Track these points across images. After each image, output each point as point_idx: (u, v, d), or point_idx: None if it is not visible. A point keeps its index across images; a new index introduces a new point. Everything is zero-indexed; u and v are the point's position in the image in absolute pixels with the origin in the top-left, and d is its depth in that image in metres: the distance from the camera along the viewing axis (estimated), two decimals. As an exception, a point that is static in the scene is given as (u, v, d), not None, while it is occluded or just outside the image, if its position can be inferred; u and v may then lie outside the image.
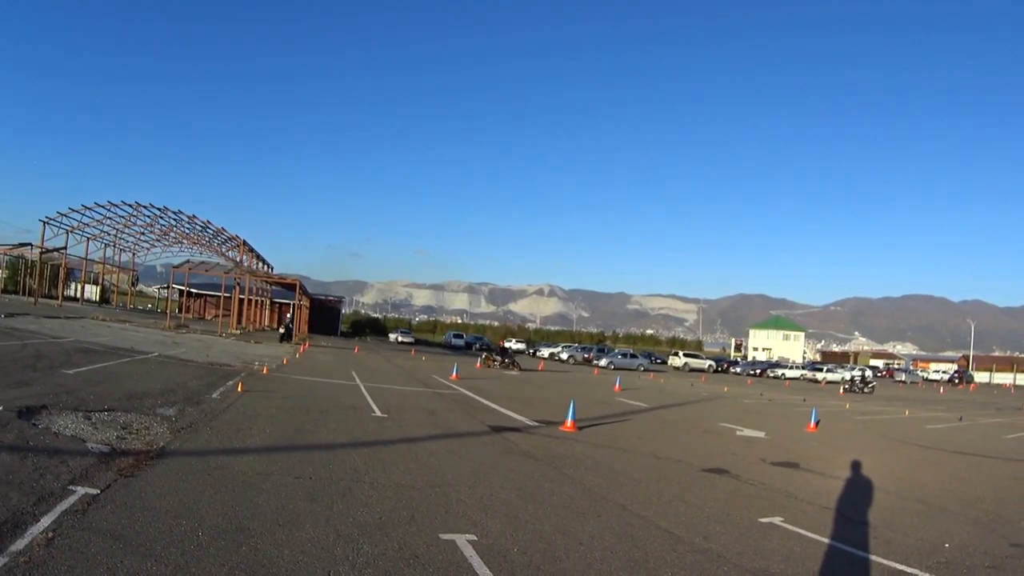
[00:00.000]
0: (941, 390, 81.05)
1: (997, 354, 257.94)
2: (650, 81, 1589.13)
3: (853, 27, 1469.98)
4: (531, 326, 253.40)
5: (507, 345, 55.92)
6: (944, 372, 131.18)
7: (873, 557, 9.52)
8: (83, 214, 67.32)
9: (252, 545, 7.59)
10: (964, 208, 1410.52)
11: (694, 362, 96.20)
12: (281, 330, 61.50)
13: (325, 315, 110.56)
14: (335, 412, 19.37)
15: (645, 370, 77.05)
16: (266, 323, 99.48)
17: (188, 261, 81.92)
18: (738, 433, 23.36)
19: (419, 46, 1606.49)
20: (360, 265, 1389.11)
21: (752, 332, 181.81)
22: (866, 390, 59.93)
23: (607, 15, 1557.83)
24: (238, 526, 8.20)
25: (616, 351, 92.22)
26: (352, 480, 11.24)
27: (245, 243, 73.59)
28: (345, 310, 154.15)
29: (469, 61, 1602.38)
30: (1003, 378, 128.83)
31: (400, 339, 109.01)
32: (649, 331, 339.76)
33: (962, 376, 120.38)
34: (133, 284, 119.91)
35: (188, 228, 71.28)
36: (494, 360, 50.57)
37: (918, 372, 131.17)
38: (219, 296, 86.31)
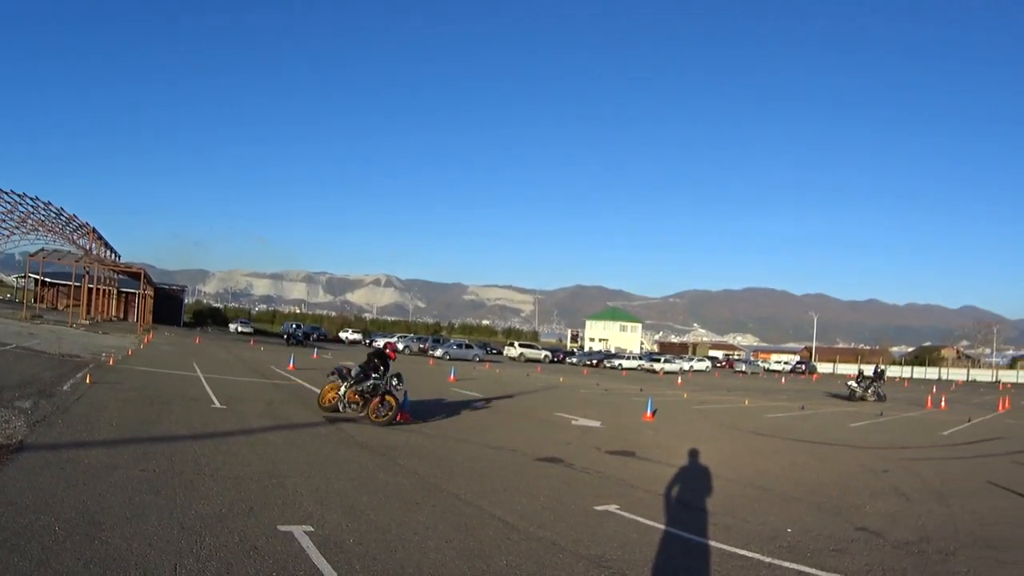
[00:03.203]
0: (783, 380, 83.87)
1: (840, 346, 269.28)
2: (486, 71, 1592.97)
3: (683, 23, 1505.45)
4: (368, 316, 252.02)
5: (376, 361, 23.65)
6: (786, 363, 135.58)
7: (712, 543, 9.92)
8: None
9: (104, 539, 7.86)
10: (806, 203, 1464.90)
11: (530, 352, 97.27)
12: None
13: (168, 305, 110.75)
14: (177, 404, 20.03)
15: (481, 361, 78.11)
16: (113, 313, 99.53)
17: (43, 250, 79.44)
18: (573, 423, 23.82)
19: (269, 45, 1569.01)
20: (203, 254, 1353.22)
21: (589, 323, 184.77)
22: (869, 397, 48.39)
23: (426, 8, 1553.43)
24: (90, 520, 8.50)
25: (452, 342, 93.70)
26: (194, 472, 11.65)
27: (95, 231, 72.51)
28: (188, 299, 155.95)
29: (293, 49, 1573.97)
30: (846, 369, 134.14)
31: (240, 329, 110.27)
32: (485, 322, 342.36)
33: (805, 366, 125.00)
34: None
35: (44, 215, 68.88)
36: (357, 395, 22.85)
37: (759, 363, 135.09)
38: (70, 285, 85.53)
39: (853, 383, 49.27)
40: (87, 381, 22.74)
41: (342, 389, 20.25)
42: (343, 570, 7.61)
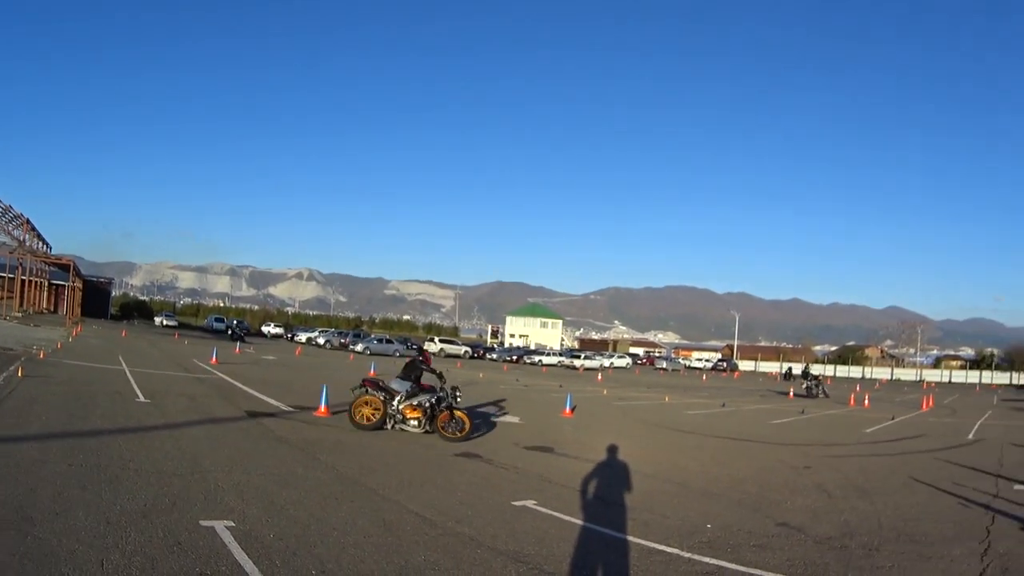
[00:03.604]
0: (704, 378, 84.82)
1: (763, 344, 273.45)
2: (407, 65, 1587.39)
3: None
4: (290, 310, 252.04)
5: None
6: (707, 360, 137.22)
7: (631, 538, 9.95)
8: None
9: (35, 535, 7.93)
10: (730, 203, 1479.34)
11: (450, 348, 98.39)
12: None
13: (96, 297, 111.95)
14: (103, 398, 20.23)
15: (401, 356, 77.57)
16: (44, 305, 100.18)
17: (-23, 241, 78.31)
18: (493, 418, 23.87)
19: (197, 40, 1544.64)
20: (131, 246, 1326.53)
21: (509, 319, 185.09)
22: (816, 392, 52.65)
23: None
24: (23, 515, 8.59)
25: (372, 336, 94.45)
26: (119, 467, 11.68)
27: (28, 222, 72.17)
28: (115, 292, 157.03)
29: (218, 40, 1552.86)
30: (768, 367, 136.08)
31: (165, 322, 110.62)
32: (406, 317, 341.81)
33: (727, 364, 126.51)
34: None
35: (-20, 206, 67.67)
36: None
37: (680, 360, 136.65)
38: (4, 277, 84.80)
39: (809, 382, 52.76)
40: (19, 374, 23.31)
41: (396, 403, 18.89)
42: (264, 565, 7.59)
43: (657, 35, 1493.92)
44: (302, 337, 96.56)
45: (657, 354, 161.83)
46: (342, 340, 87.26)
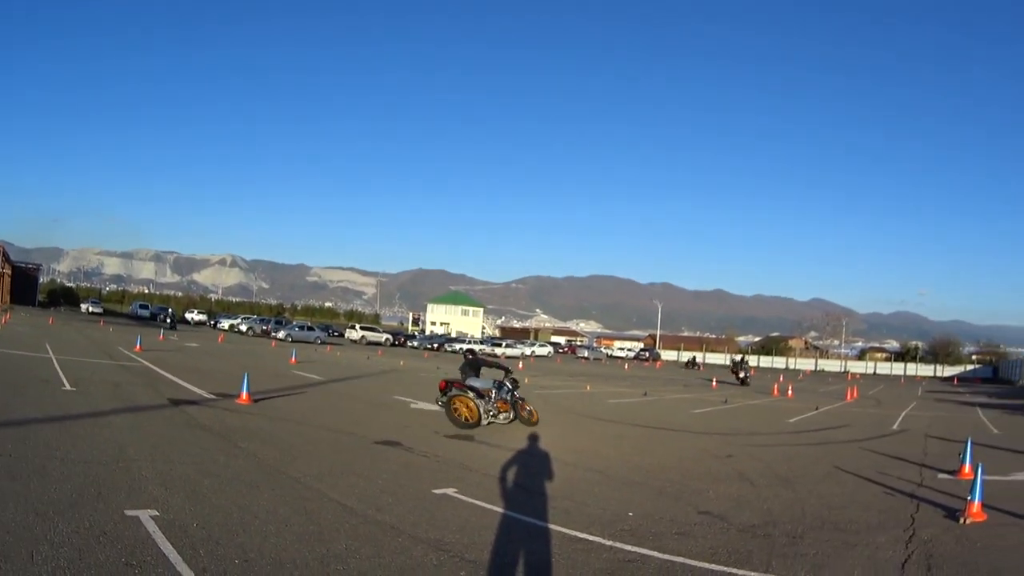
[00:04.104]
0: (626, 367, 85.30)
1: (685, 334, 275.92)
2: (320, 52, 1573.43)
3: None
4: (213, 297, 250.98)
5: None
6: (629, 350, 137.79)
7: (552, 526, 10.04)
8: None
9: None
10: (654, 194, 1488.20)
11: (371, 335, 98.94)
12: None
13: (25, 284, 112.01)
14: (30, 386, 20.33)
15: (322, 343, 79.28)
16: None
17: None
18: (412, 406, 24.03)
19: (118, 22, 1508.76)
20: (58, 232, 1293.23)
21: (431, 307, 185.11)
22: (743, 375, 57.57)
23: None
24: None
25: (294, 323, 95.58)
26: (45, 457, 11.64)
27: None
28: (42, 278, 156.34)
29: (144, 21, 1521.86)
30: (691, 357, 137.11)
31: (91, 309, 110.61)
32: (328, 304, 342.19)
33: (649, 353, 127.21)
34: None
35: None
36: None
37: (602, 349, 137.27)
38: None
39: (741, 372, 56.37)
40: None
41: (491, 400, 20.37)
42: (187, 555, 7.59)
43: (569, 25, 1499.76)
44: (225, 324, 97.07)
45: (579, 343, 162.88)
46: (264, 327, 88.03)
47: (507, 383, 20.88)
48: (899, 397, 53.42)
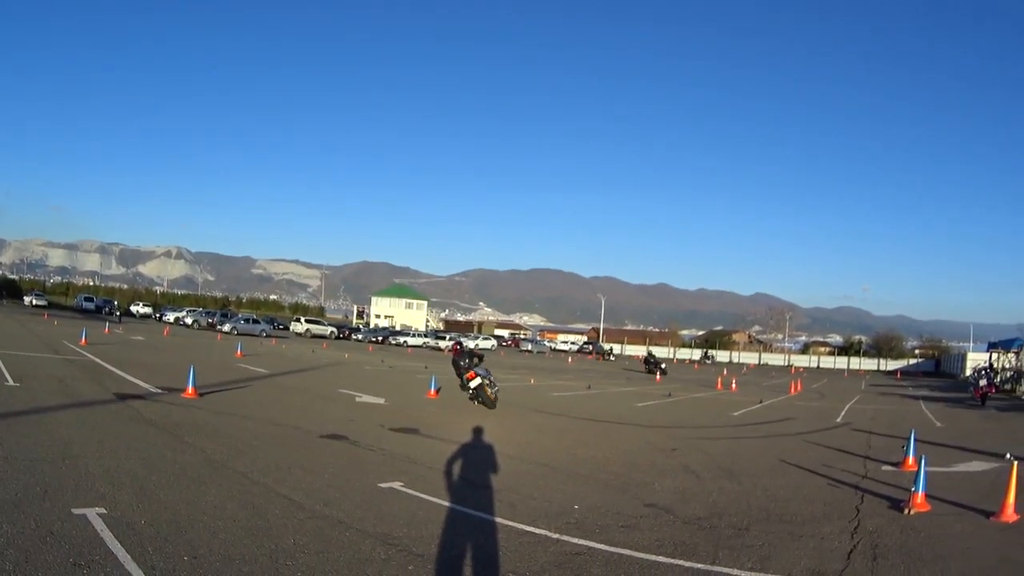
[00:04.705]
0: (570, 360, 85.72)
1: (629, 328, 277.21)
2: (271, 48, 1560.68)
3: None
4: (159, 290, 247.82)
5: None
6: (573, 343, 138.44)
7: (499, 519, 10.10)
8: None
9: None
10: (596, 187, 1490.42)
11: (316, 328, 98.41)
12: None
13: None
14: None
15: (268, 336, 79.66)
16: None
17: None
18: (357, 399, 24.10)
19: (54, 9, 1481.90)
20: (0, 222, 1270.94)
21: (375, 299, 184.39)
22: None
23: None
24: None
25: (240, 316, 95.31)
26: None
27: None
28: None
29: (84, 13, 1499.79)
30: (635, 350, 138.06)
31: (35, 302, 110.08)
32: (273, 296, 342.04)
33: (594, 347, 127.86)
34: None
35: None
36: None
37: (545, 343, 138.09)
38: None
39: (653, 366, 59.13)
40: None
41: (493, 382, 24.25)
42: (136, 552, 7.49)
43: (510, 16, 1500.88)
44: (170, 317, 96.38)
45: (523, 336, 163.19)
46: (210, 320, 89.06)
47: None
48: (843, 391, 54.21)
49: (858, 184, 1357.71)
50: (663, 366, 59.45)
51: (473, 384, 23.26)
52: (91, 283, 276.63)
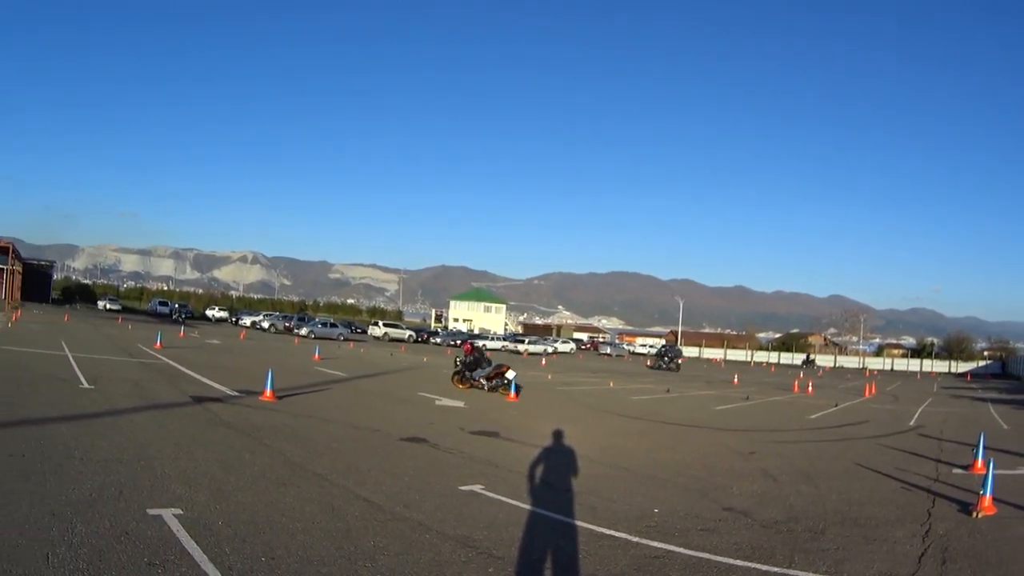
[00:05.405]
0: (649, 363, 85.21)
1: (707, 331, 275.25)
2: (343, 50, 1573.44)
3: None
4: (234, 294, 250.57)
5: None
6: (651, 346, 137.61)
7: (579, 523, 10.02)
8: None
9: None
10: (675, 191, 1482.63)
11: (394, 332, 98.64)
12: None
13: (37, 281, 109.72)
14: (44, 384, 19.92)
15: (345, 340, 79.33)
16: None
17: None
18: (437, 403, 23.99)
19: (127, 25, 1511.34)
20: (72, 228, 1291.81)
21: (453, 303, 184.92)
22: (672, 366, 65.10)
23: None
24: None
25: (317, 320, 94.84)
26: (63, 456, 11.38)
27: None
28: (56, 275, 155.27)
29: (156, 25, 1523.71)
30: (712, 353, 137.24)
31: (108, 306, 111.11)
32: (350, 300, 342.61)
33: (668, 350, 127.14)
34: None
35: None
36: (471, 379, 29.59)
37: (624, 346, 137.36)
38: None
39: (659, 360, 65.17)
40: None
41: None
42: (213, 553, 7.50)
43: (599, 23, 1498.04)
44: (246, 321, 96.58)
45: (601, 339, 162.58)
46: (286, 324, 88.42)
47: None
48: (916, 393, 53.81)
49: (931, 185, 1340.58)
50: (680, 360, 58.15)
51: (509, 376, 28.34)
52: (165, 288, 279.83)
